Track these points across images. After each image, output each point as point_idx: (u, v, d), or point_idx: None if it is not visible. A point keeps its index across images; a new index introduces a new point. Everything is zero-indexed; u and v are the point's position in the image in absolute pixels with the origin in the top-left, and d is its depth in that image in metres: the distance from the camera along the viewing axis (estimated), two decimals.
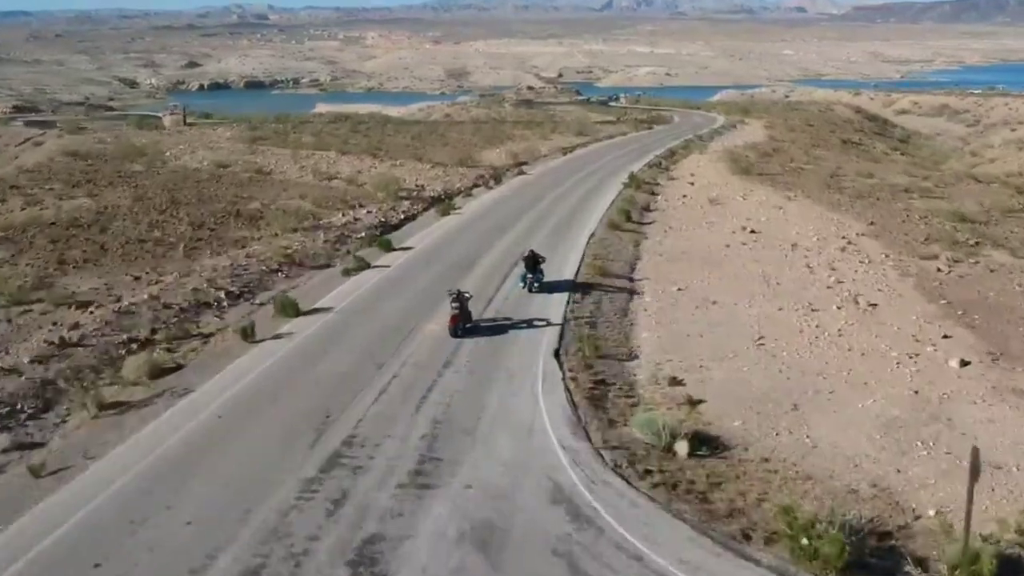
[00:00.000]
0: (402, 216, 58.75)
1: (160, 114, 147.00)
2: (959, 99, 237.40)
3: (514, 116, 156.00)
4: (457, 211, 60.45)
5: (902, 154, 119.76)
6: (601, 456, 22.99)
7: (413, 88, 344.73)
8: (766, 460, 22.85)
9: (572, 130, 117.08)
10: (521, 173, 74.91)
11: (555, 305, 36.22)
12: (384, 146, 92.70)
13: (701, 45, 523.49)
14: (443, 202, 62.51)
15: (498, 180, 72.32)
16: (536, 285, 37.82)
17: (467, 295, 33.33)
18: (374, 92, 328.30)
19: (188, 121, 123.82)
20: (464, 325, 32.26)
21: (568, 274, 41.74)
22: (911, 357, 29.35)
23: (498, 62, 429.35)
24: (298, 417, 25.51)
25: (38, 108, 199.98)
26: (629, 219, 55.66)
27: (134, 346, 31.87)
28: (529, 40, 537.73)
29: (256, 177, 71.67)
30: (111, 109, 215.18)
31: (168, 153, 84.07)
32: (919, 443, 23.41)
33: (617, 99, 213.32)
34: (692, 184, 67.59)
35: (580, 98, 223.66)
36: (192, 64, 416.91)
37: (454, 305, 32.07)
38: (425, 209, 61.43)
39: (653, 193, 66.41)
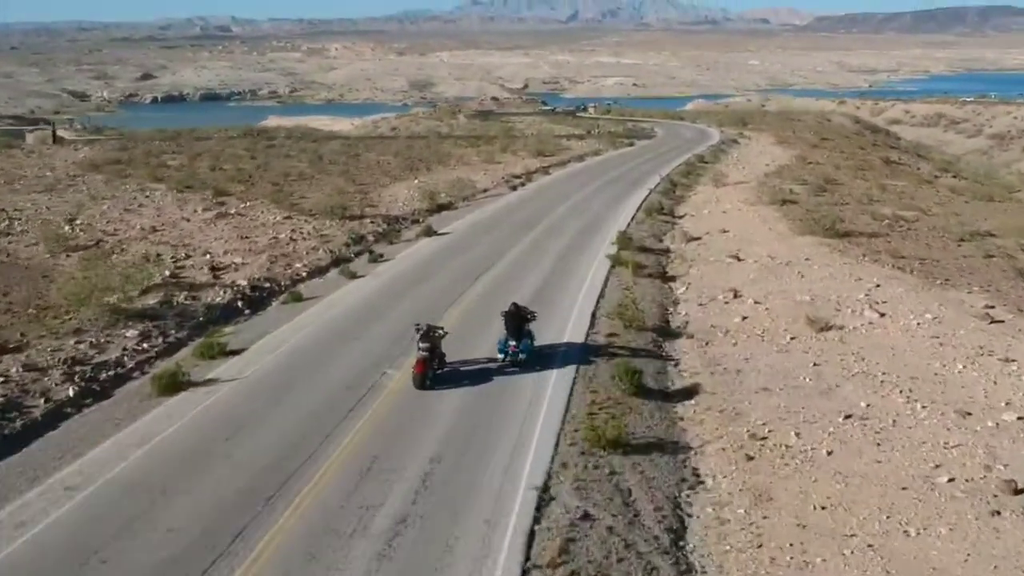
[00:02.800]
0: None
1: (30, 129, 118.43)
2: (955, 107, 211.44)
3: (465, 129, 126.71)
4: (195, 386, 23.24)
5: (954, 176, 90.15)
6: None
7: (375, 99, 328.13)
8: None
9: (531, 148, 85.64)
10: (428, 234, 43.09)
11: None
12: (257, 177, 62.41)
13: (667, 56, 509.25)
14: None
15: (372, 258, 38.62)
16: (522, 356, 23.63)
17: (440, 332, 23.58)
18: (334, 103, 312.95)
19: (82, 137, 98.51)
20: (435, 372, 22.58)
21: None
22: None
23: (463, 73, 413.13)
24: None
25: None
26: (639, 393, 22.38)
27: None
28: (495, 51, 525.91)
29: None
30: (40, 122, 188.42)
31: None
32: None
33: (585, 109, 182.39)
34: (738, 258, 36.40)
35: (545, 108, 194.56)
36: (146, 76, 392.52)
37: (422, 346, 22.51)
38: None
39: (665, 279, 35.16)
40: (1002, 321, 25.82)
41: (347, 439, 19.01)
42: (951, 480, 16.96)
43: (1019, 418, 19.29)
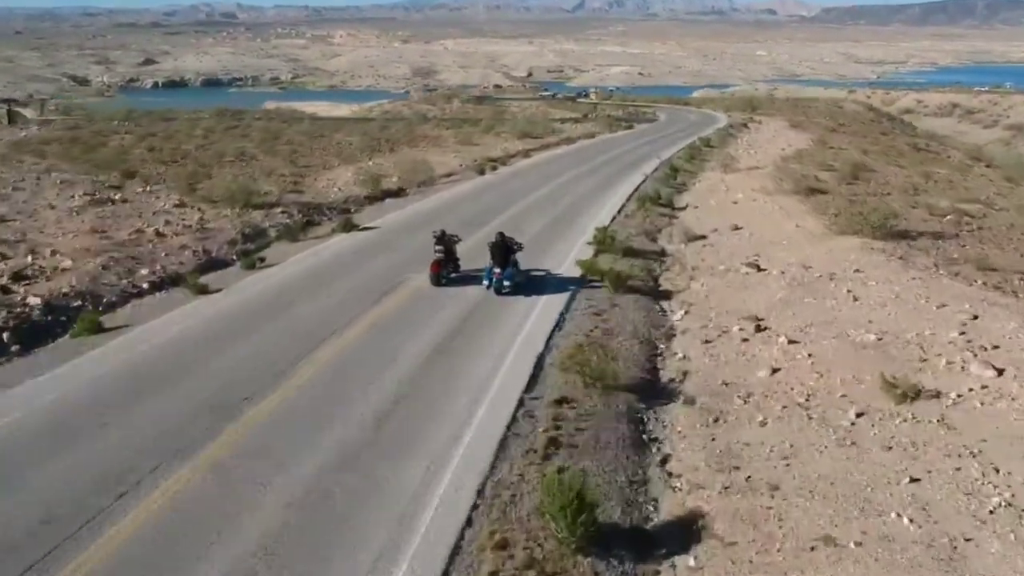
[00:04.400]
0: None
1: None
2: (970, 97, 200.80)
3: (454, 112, 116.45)
4: None
5: (987, 165, 79.36)
6: None
7: (377, 86, 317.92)
8: None
9: (517, 130, 74.96)
10: (347, 228, 31.93)
11: None
12: (191, 159, 52.32)
13: (673, 45, 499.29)
14: None
15: (248, 263, 27.16)
16: (507, 284, 23.70)
17: (455, 238, 25.71)
18: (336, 90, 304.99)
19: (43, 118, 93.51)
20: (449, 273, 24.71)
21: None
22: None
23: (467, 61, 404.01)
24: None
25: None
26: (585, 544, 11.55)
27: None
28: (500, 39, 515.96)
29: None
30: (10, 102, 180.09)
31: None
32: None
33: (587, 95, 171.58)
34: (758, 267, 25.67)
35: (545, 94, 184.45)
36: (148, 61, 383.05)
37: (437, 248, 24.78)
38: None
39: (657, 297, 24.72)
40: None
41: None
42: None
43: None
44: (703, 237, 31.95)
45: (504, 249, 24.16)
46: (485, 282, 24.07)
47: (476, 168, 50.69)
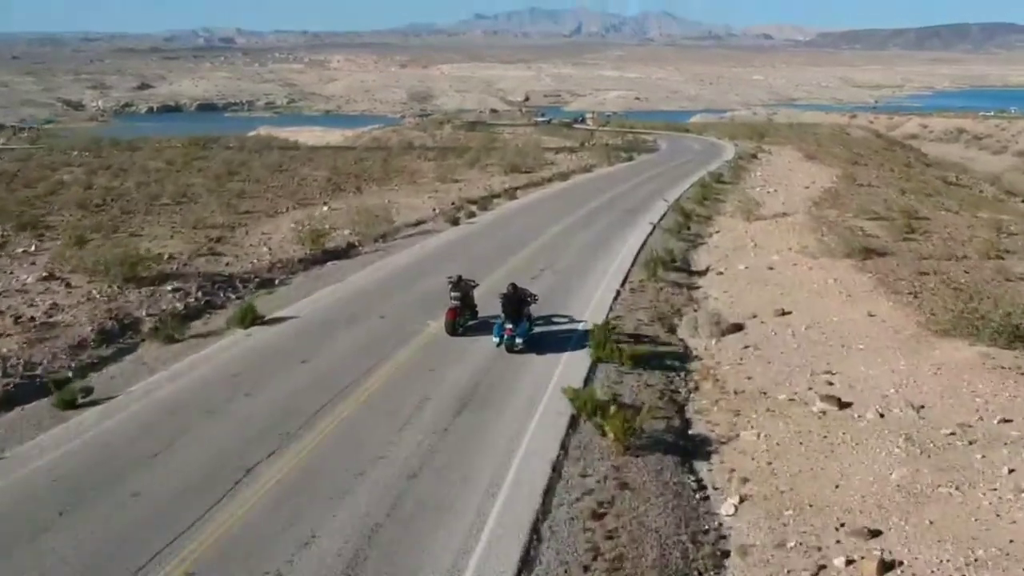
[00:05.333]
0: None
1: None
2: (976, 122, 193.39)
3: (447, 140, 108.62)
4: None
5: (1022, 201, 70.83)
6: None
7: (373, 111, 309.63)
8: None
9: (506, 162, 66.30)
10: (245, 322, 21.93)
11: None
12: (124, 201, 44.68)
13: (670, 70, 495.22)
14: None
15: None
16: (519, 342, 20.96)
17: (471, 283, 23.50)
18: (331, 115, 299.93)
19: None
20: (466, 321, 22.36)
21: None
22: None
23: (464, 85, 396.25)
24: None
25: None
26: None
27: None
28: (497, 64, 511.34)
29: None
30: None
31: None
32: None
33: (583, 121, 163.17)
34: (840, 402, 16.54)
35: (542, 120, 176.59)
36: (144, 86, 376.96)
37: (454, 295, 22.52)
38: None
39: (684, 458, 15.67)
40: None
41: None
42: None
43: None
44: (739, 327, 23.00)
45: (517, 302, 21.42)
46: (495, 339, 21.29)
47: (450, 215, 41.69)
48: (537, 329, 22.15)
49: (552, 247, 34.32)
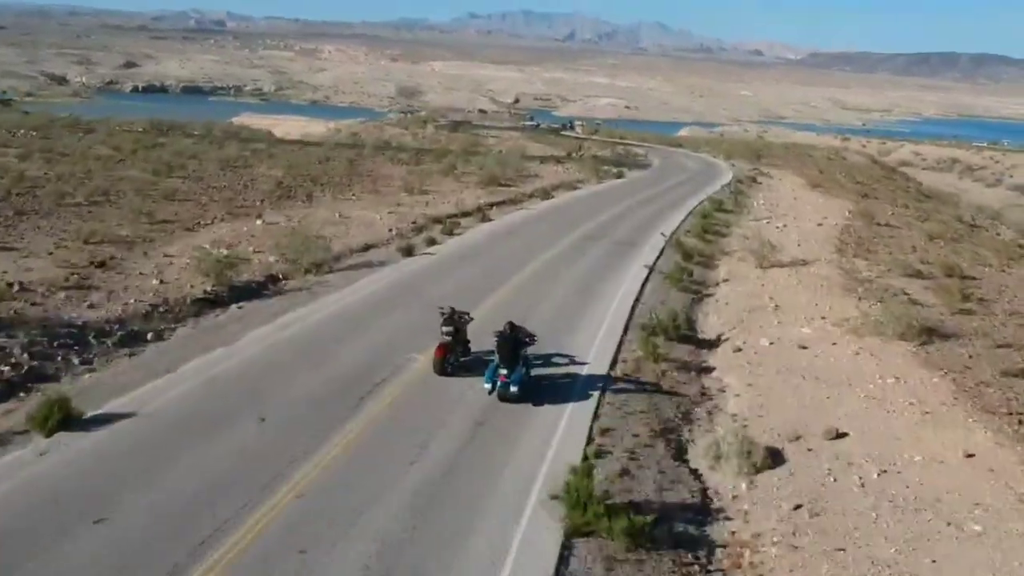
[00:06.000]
0: None
1: None
2: (970, 153, 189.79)
3: (424, 140, 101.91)
4: None
5: None
6: None
7: (360, 103, 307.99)
8: None
9: (485, 173, 59.07)
10: (49, 423, 15.29)
11: None
12: (28, 198, 35.96)
13: (661, 81, 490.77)
14: None
15: None
16: (514, 391, 18.29)
17: (466, 317, 20.74)
18: (318, 105, 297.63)
19: None
20: (457, 359, 19.89)
21: None
22: None
23: (454, 83, 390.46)
24: None
25: None
26: None
27: None
28: (489, 64, 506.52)
29: None
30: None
31: None
32: None
33: (572, 127, 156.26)
34: None
35: (530, 123, 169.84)
36: (130, 64, 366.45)
37: (445, 330, 19.96)
38: None
39: None
40: None
41: None
42: None
43: None
44: (778, 457, 15.92)
45: (513, 343, 18.73)
46: (487, 385, 18.42)
47: (407, 241, 34.32)
48: (535, 372, 19.31)
49: (522, 297, 27.03)
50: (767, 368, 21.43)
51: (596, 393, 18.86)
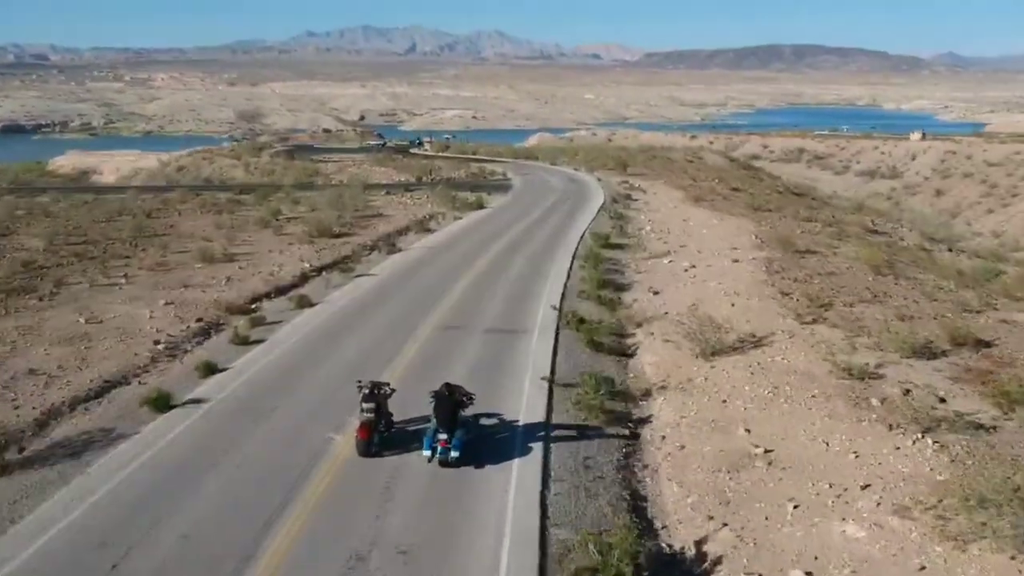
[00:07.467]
0: None
1: None
2: (815, 142, 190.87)
3: (256, 173, 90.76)
4: None
5: (949, 250, 56.83)
6: None
7: (198, 131, 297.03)
8: None
9: (317, 218, 46.34)
10: None
11: None
12: None
13: (505, 89, 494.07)
14: None
15: None
16: (454, 454, 16.66)
17: (387, 390, 18.27)
18: (153, 136, 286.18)
19: None
20: (382, 434, 17.68)
21: None
22: None
23: (296, 104, 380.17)
24: None
25: None
26: None
27: None
28: (331, 82, 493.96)
29: None
30: None
31: None
32: None
33: (420, 143, 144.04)
34: None
35: (377, 142, 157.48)
36: None
37: (366, 407, 17.42)
38: None
39: None
40: None
41: None
42: None
43: None
44: None
45: (452, 406, 16.91)
46: (426, 452, 16.60)
47: (166, 377, 21.33)
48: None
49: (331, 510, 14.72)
50: None
51: None
